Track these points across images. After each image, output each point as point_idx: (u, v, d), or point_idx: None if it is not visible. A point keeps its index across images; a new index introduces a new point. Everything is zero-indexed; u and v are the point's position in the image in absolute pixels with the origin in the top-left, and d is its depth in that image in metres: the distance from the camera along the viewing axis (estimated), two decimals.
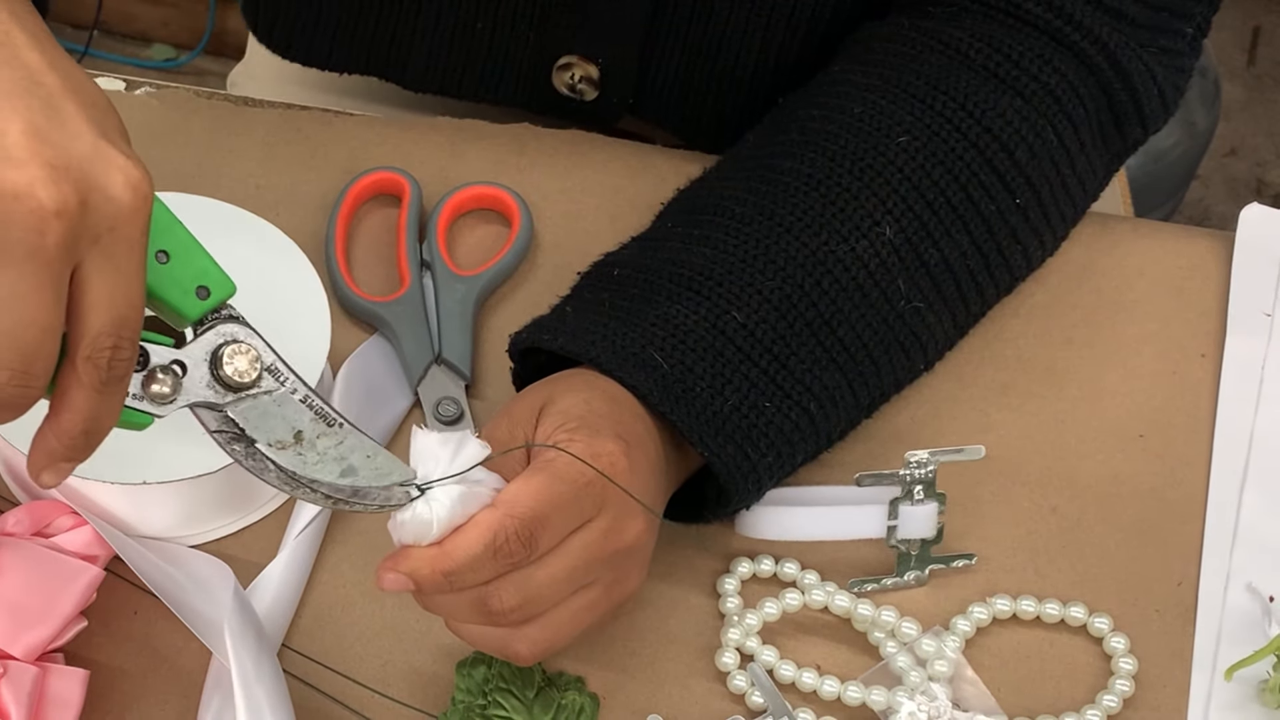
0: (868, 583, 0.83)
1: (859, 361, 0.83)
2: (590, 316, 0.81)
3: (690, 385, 0.78)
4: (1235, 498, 0.87)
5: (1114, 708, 0.81)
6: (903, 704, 0.79)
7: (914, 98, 0.85)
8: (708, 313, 0.80)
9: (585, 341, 0.79)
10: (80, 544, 0.79)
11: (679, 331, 0.80)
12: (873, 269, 0.83)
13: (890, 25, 0.90)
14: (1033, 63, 0.86)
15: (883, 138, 0.84)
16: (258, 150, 0.96)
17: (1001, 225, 0.86)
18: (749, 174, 0.86)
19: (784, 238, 0.82)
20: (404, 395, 0.88)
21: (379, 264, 0.93)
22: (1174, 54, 0.90)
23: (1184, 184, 1.70)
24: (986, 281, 0.87)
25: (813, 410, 0.81)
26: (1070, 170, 0.88)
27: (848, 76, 0.88)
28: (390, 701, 0.79)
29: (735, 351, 0.80)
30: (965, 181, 0.85)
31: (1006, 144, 0.85)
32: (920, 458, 0.81)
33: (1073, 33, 0.87)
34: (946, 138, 0.85)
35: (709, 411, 0.78)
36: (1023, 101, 0.86)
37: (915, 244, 0.84)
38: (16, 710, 0.74)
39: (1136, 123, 0.90)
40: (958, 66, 0.86)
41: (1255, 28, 2.18)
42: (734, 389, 0.79)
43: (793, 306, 0.81)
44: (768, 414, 0.80)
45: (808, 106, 0.88)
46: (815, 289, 0.82)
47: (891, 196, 0.83)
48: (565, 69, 0.98)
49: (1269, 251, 0.95)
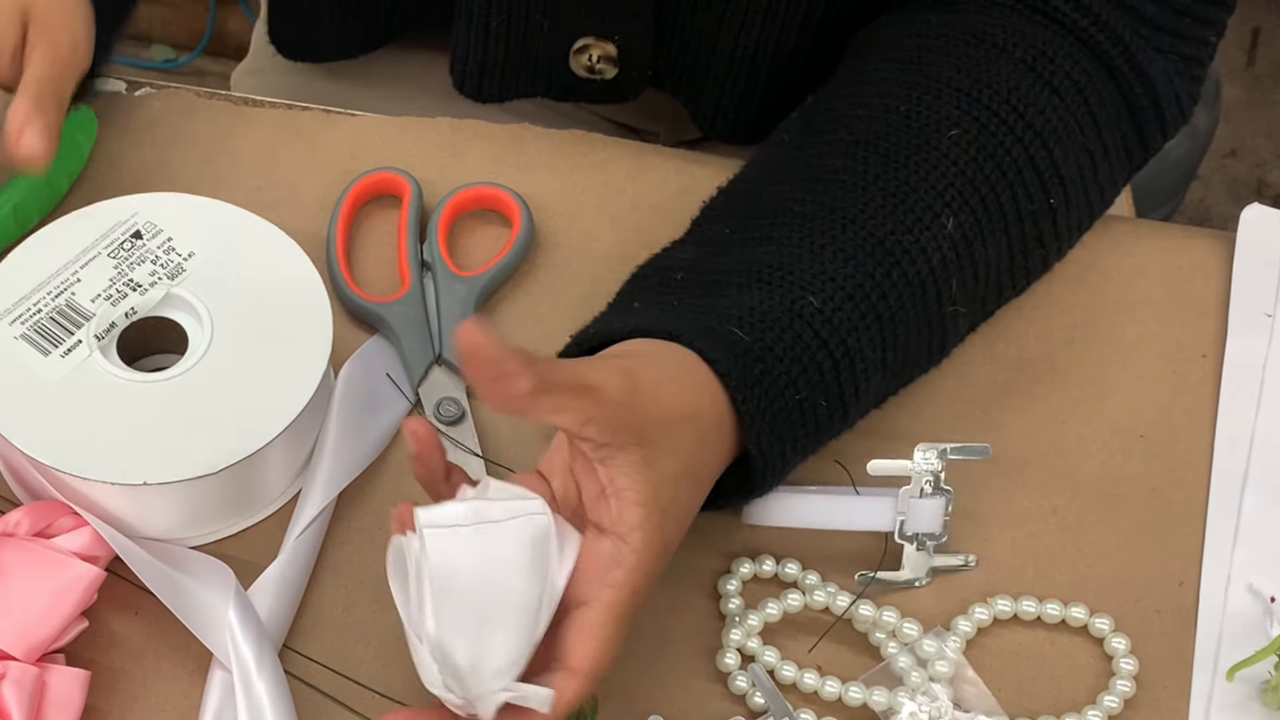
0: (872, 574, 0.83)
1: (897, 362, 0.82)
2: (658, 310, 0.79)
3: (769, 367, 0.76)
4: (1236, 498, 0.87)
5: (1115, 708, 0.81)
6: (904, 705, 0.79)
7: (958, 91, 0.84)
8: (783, 298, 0.78)
9: (666, 319, 0.77)
10: (80, 544, 0.79)
11: (755, 313, 0.77)
12: (934, 264, 0.81)
13: (917, 21, 0.89)
14: (1065, 61, 0.85)
15: (933, 133, 0.83)
16: (258, 151, 0.96)
17: (1032, 226, 0.85)
18: (801, 175, 0.84)
19: (850, 228, 0.80)
20: (404, 396, 0.88)
21: (379, 264, 0.93)
22: (1194, 61, 0.90)
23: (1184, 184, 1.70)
24: (1008, 285, 0.87)
25: (851, 413, 0.81)
26: (1094, 175, 0.87)
27: (884, 74, 0.87)
28: (390, 701, 0.79)
29: (813, 336, 0.78)
30: (1012, 179, 0.84)
31: (1046, 141, 0.84)
32: (930, 452, 0.81)
33: (1097, 33, 0.86)
34: (995, 131, 0.84)
35: (778, 404, 0.76)
36: (1058, 99, 0.85)
37: (970, 239, 0.83)
38: (17, 711, 0.74)
39: (1157, 129, 0.89)
40: (996, 59, 0.85)
41: (1255, 28, 2.18)
42: (806, 380, 0.77)
43: (865, 296, 0.79)
44: (819, 414, 0.78)
45: (850, 106, 0.86)
46: (885, 280, 0.80)
47: (949, 190, 0.82)
48: (582, 51, 0.98)
49: (1269, 252, 0.95)
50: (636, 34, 0.96)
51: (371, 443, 0.86)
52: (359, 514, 0.85)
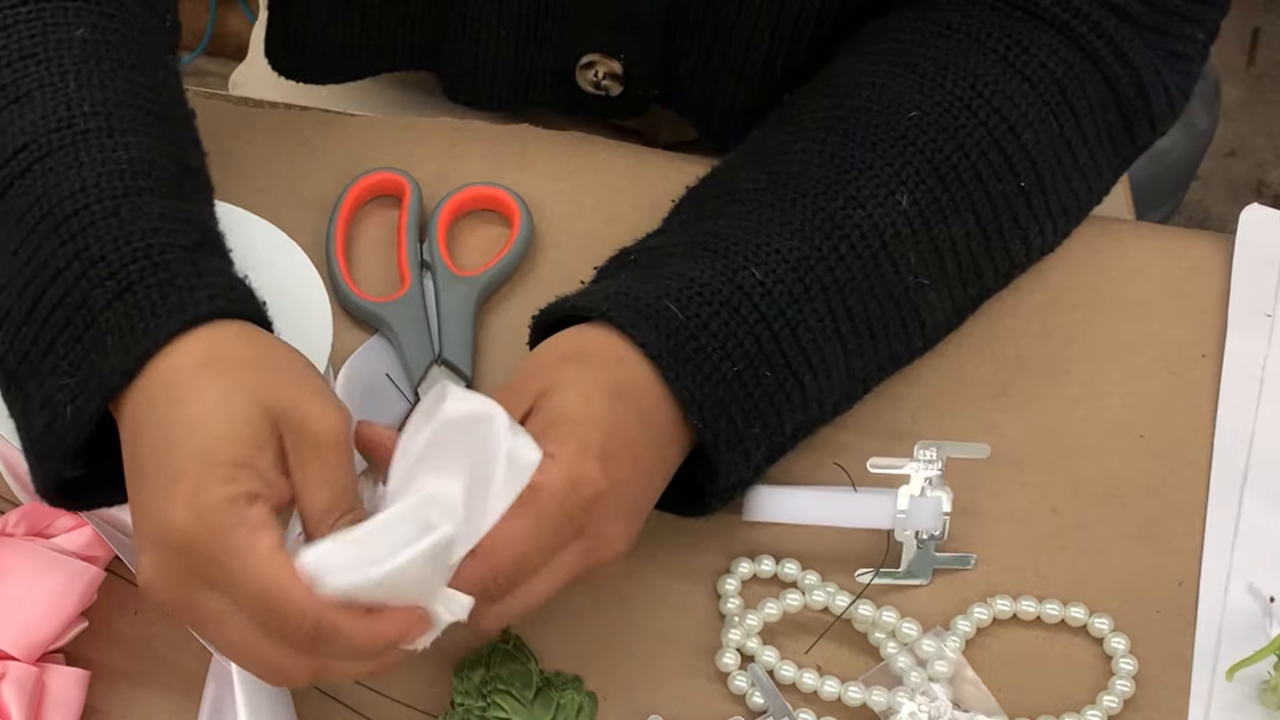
0: (871, 573, 0.83)
1: (860, 334, 0.82)
2: (601, 285, 0.80)
3: (703, 344, 0.77)
4: (1236, 498, 0.87)
5: (1114, 708, 0.81)
6: (903, 704, 0.79)
7: (922, 76, 0.85)
8: (724, 267, 0.79)
9: (598, 298, 0.78)
10: (80, 544, 0.79)
11: (694, 284, 0.78)
12: (887, 238, 0.82)
13: (895, 16, 0.90)
14: (1040, 51, 0.86)
15: (893, 114, 0.84)
16: (258, 151, 0.96)
17: (1005, 207, 0.86)
18: (759, 159, 0.85)
19: (799, 202, 0.81)
20: (404, 396, 0.88)
21: (379, 264, 0.93)
22: (1183, 58, 0.90)
23: (1184, 185, 1.70)
24: (986, 264, 0.87)
25: (806, 383, 0.81)
26: (1073, 161, 0.88)
27: (854, 66, 0.88)
28: (390, 701, 0.79)
29: (751, 310, 0.79)
30: (975, 159, 0.84)
31: (1014, 126, 0.85)
32: (930, 450, 0.81)
33: (1080, 26, 0.86)
34: (957, 115, 0.84)
35: (714, 378, 0.77)
36: (1029, 86, 0.86)
37: (927, 217, 0.83)
38: (17, 711, 0.74)
39: (1145, 122, 0.89)
40: (965, 47, 0.86)
41: (1255, 28, 2.18)
42: (742, 354, 0.78)
43: (810, 269, 0.80)
44: (765, 383, 0.79)
45: (816, 97, 0.87)
46: (833, 253, 0.81)
47: (906, 168, 0.83)
48: (588, 68, 0.98)
49: (1269, 252, 0.95)
50: (642, 52, 0.96)
51: None
52: None
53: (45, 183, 0.70)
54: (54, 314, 0.69)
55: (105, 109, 0.72)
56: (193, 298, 0.68)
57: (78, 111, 0.72)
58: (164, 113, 0.76)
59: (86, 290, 0.68)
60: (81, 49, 0.74)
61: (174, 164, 0.74)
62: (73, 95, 0.72)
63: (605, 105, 1.00)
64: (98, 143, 0.71)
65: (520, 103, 0.99)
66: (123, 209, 0.70)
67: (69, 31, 0.74)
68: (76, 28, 0.74)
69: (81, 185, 0.70)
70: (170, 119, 0.76)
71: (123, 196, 0.70)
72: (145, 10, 0.79)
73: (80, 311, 0.68)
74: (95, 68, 0.74)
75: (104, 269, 0.68)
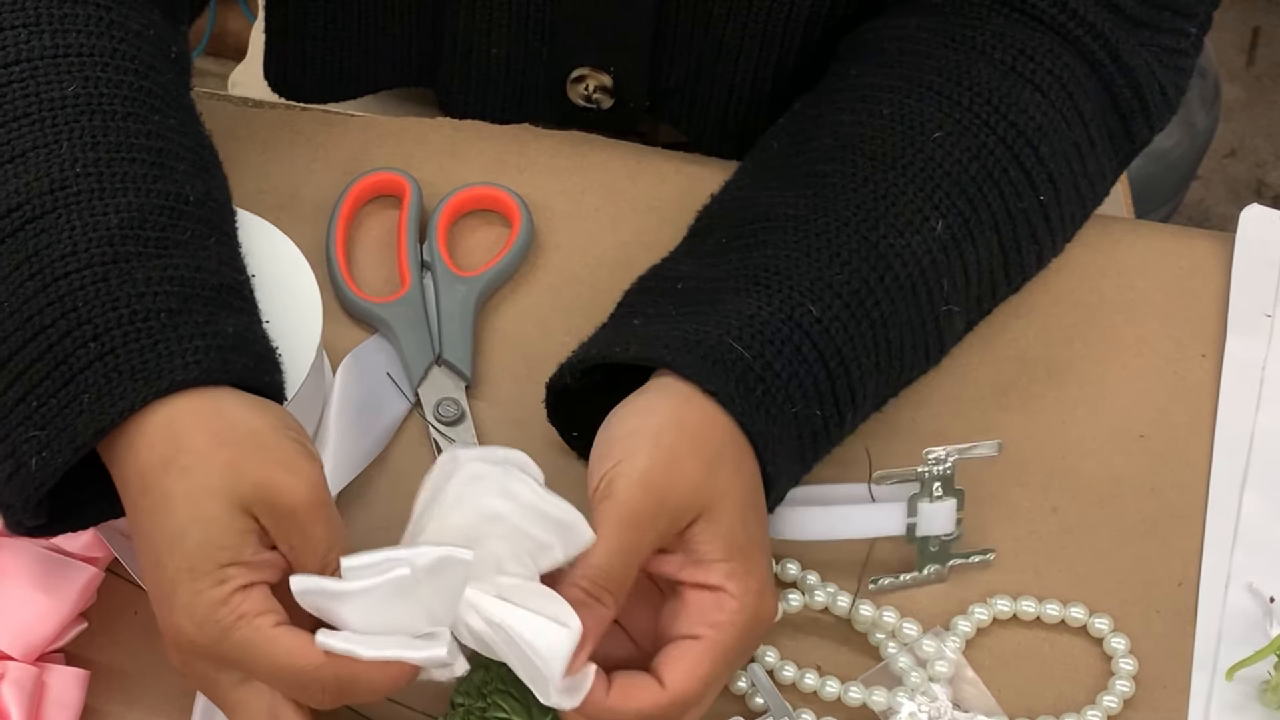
0: (887, 579, 0.83)
1: (893, 365, 0.82)
2: (660, 325, 0.79)
3: (770, 386, 0.77)
4: (1236, 498, 0.87)
5: (1114, 708, 0.81)
6: (903, 705, 0.79)
7: (939, 94, 0.85)
8: (781, 305, 0.78)
9: (665, 339, 0.77)
10: (80, 544, 0.79)
11: (754, 322, 0.78)
12: (925, 266, 0.82)
13: (897, 25, 0.89)
14: (1046, 58, 0.86)
15: (917, 135, 0.83)
16: (258, 151, 0.96)
17: (1024, 224, 0.86)
18: (791, 181, 0.84)
19: (843, 231, 0.81)
20: (404, 396, 0.88)
21: (379, 265, 0.93)
22: (1176, 53, 0.90)
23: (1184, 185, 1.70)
24: (1002, 282, 0.87)
25: (847, 419, 0.81)
26: (1082, 167, 0.88)
27: (866, 79, 0.87)
28: (390, 702, 0.79)
29: (811, 349, 0.78)
30: (998, 178, 0.84)
31: (1031, 139, 0.85)
32: (939, 454, 0.81)
33: (1076, 28, 0.86)
34: (977, 132, 0.84)
35: (780, 420, 0.77)
36: (1041, 95, 0.85)
37: (959, 241, 0.83)
38: (17, 711, 0.74)
39: (1143, 121, 0.89)
40: (975, 61, 0.86)
41: (1255, 28, 2.18)
42: (801, 395, 0.78)
43: (860, 303, 0.80)
44: (813, 422, 0.79)
45: (834, 112, 0.87)
46: (879, 285, 0.80)
47: (936, 192, 0.83)
48: (579, 81, 0.98)
49: (1269, 252, 0.95)
50: (631, 65, 0.96)
51: (371, 443, 0.86)
52: (358, 514, 0.85)
53: (37, 243, 0.72)
54: (32, 367, 0.70)
55: (96, 169, 0.74)
56: (169, 365, 0.70)
57: (69, 173, 0.74)
58: (160, 158, 0.77)
59: (70, 349, 0.70)
60: (74, 106, 0.76)
61: (167, 214, 0.75)
62: (65, 156, 0.74)
63: (596, 118, 1.00)
64: (88, 205, 0.73)
65: (513, 118, 0.99)
66: (110, 275, 0.72)
67: (61, 89, 0.76)
68: (69, 84, 0.76)
69: (72, 249, 0.72)
70: (169, 159, 0.77)
71: (111, 263, 0.72)
72: (146, 49, 0.80)
73: (60, 368, 0.70)
74: (88, 124, 0.75)
75: (89, 331, 0.70)
